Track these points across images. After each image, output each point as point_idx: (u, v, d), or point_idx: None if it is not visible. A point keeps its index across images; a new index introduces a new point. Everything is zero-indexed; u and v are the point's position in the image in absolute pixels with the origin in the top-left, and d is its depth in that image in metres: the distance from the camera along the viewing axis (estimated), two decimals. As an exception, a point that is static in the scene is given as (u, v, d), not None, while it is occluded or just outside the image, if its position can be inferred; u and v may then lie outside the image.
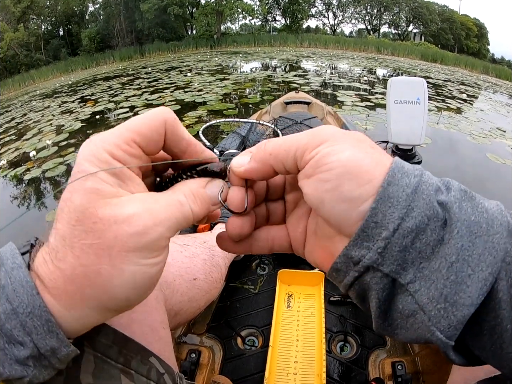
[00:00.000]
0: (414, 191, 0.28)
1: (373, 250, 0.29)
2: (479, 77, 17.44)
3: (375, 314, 0.32)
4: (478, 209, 0.29)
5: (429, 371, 0.98)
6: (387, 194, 0.29)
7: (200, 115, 6.17)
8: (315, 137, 0.32)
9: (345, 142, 0.31)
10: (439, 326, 0.27)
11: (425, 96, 1.43)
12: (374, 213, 0.29)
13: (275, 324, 1.07)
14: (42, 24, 28.49)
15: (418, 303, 0.28)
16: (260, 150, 0.35)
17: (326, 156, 0.30)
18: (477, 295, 0.27)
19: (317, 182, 0.31)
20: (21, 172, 4.63)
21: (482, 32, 33.37)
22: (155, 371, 0.46)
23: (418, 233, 0.28)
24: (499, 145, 5.10)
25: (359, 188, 0.29)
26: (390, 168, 0.30)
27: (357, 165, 0.30)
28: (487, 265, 0.27)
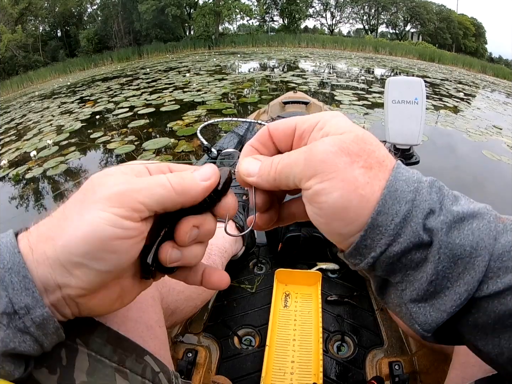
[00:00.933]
0: (404, 219, 0.31)
1: (364, 263, 0.33)
2: (477, 76, 17.43)
3: (376, 293, 0.38)
4: (465, 232, 0.31)
5: (426, 371, 0.98)
6: (376, 223, 0.31)
7: (199, 114, 6.16)
8: (308, 167, 0.33)
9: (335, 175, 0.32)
10: (417, 321, 0.32)
11: (423, 96, 1.43)
12: (363, 239, 0.32)
13: (272, 323, 1.07)
14: (40, 26, 28.45)
15: (403, 299, 0.33)
16: (265, 173, 0.37)
17: (317, 195, 0.33)
18: (450, 305, 0.30)
19: (312, 213, 0.35)
20: (22, 171, 4.63)
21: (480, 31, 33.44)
22: (150, 370, 0.46)
23: (403, 254, 0.32)
24: (495, 142, 5.15)
25: (346, 227, 0.33)
26: (382, 195, 0.31)
27: (344, 208, 0.32)
28: (465, 283, 0.30)
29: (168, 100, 7.43)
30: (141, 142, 4.79)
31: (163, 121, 5.89)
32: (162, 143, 4.64)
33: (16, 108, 10.39)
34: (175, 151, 4.28)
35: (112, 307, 0.39)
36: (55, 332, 0.34)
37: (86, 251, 0.32)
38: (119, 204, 0.32)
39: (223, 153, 1.63)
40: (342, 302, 1.20)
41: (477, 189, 3.60)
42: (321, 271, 1.26)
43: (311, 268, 1.31)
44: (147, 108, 6.91)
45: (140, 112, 6.66)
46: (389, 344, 1.08)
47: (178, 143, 4.52)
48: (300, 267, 1.33)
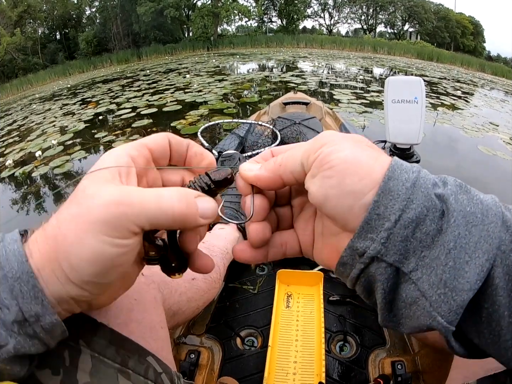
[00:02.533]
0: (413, 184, 0.31)
1: (377, 241, 0.31)
2: (475, 75, 17.48)
3: (380, 305, 0.33)
4: (474, 201, 0.30)
5: (429, 370, 0.98)
6: (388, 188, 0.31)
7: (201, 113, 6.30)
8: (317, 141, 0.35)
9: (344, 143, 0.34)
10: (440, 311, 0.29)
11: (423, 95, 1.43)
12: (376, 205, 0.31)
13: (274, 324, 1.07)
14: (39, 28, 28.47)
15: (420, 290, 0.30)
16: (271, 161, 0.38)
17: (328, 155, 0.33)
18: (474, 280, 0.28)
19: (321, 179, 0.34)
20: (29, 170, 4.74)
21: (478, 30, 33.43)
22: (152, 371, 0.46)
23: (418, 223, 0.30)
24: (491, 138, 5.28)
25: (360, 182, 0.32)
26: (390, 165, 0.32)
27: (356, 161, 0.32)
28: (483, 252, 0.28)
29: (170, 101, 7.55)
30: None
31: (166, 121, 6.03)
32: None
33: (18, 110, 10.49)
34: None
35: (117, 295, 0.41)
36: (61, 334, 0.34)
37: (94, 272, 0.32)
38: (116, 228, 0.32)
39: (224, 155, 1.63)
40: (344, 302, 1.20)
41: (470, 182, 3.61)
42: (323, 271, 1.26)
43: (313, 268, 1.31)
44: (149, 108, 7.03)
45: (143, 112, 6.78)
46: (391, 343, 1.08)
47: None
48: (302, 267, 1.32)
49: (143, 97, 8.38)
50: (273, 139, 2.36)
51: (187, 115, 6.22)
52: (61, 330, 0.34)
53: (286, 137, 2.38)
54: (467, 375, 0.59)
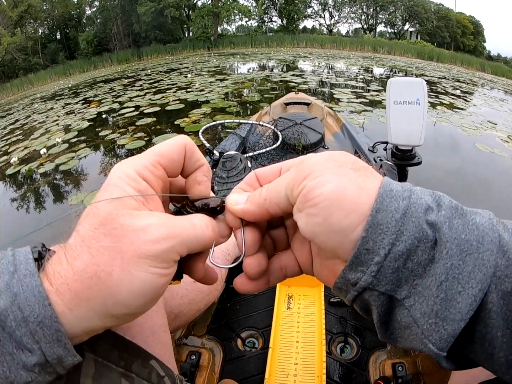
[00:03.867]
0: (403, 215, 0.30)
1: (367, 274, 0.31)
2: (475, 74, 17.47)
3: (377, 325, 0.34)
4: (469, 227, 0.30)
5: (430, 372, 0.98)
6: (376, 221, 0.30)
7: (204, 112, 6.37)
8: (300, 172, 0.34)
9: (327, 172, 0.32)
10: (431, 339, 0.29)
11: (425, 96, 1.42)
12: (365, 241, 0.30)
13: (275, 325, 1.07)
14: (39, 28, 28.44)
15: (412, 317, 0.30)
16: (256, 194, 0.38)
17: (311, 191, 0.32)
18: (466, 311, 0.28)
19: (307, 216, 0.33)
20: (34, 167, 4.80)
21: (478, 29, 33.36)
22: (155, 374, 0.46)
23: (409, 255, 0.30)
24: (489, 136, 5.35)
25: (346, 218, 0.31)
26: (378, 193, 0.31)
27: (341, 195, 0.31)
28: (477, 282, 0.28)
29: (173, 100, 7.61)
30: (150, 138, 5.00)
31: (170, 119, 6.08)
32: None
33: (19, 110, 10.54)
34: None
35: None
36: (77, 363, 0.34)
37: (144, 303, 0.33)
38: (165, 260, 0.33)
39: (225, 156, 1.63)
40: (345, 304, 1.19)
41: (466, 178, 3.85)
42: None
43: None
44: (152, 107, 7.09)
45: (146, 111, 6.83)
46: (392, 345, 1.08)
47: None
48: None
49: (146, 96, 8.44)
50: (275, 140, 2.36)
51: (190, 114, 6.29)
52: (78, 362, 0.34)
53: (287, 138, 2.38)
54: (468, 379, 0.59)
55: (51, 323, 0.30)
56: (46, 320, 0.30)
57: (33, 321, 0.29)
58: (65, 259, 0.32)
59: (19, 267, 0.31)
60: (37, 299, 0.30)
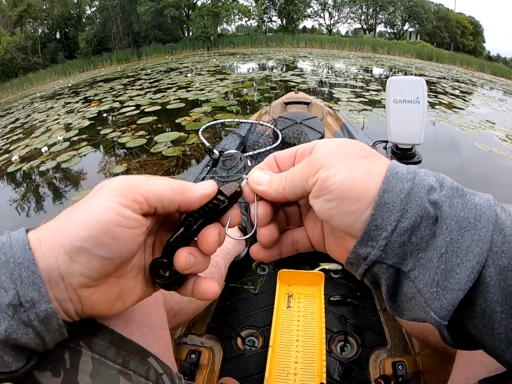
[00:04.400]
0: (408, 195, 0.33)
1: (377, 248, 0.34)
2: (474, 75, 17.49)
3: (385, 297, 0.37)
4: (468, 206, 0.32)
5: (430, 371, 0.98)
6: (383, 201, 0.33)
7: (204, 111, 6.40)
8: (312, 165, 0.37)
9: (337, 163, 0.36)
10: (433, 307, 0.32)
11: (425, 95, 1.42)
12: (374, 218, 0.34)
13: (275, 324, 1.07)
14: (39, 28, 28.45)
15: (417, 287, 0.33)
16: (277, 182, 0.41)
17: (325, 181, 0.35)
18: (465, 281, 0.31)
19: (323, 202, 0.36)
20: (36, 165, 4.83)
21: (478, 30, 33.42)
22: (153, 372, 0.46)
23: (413, 230, 0.33)
24: (487, 135, 5.41)
25: (357, 202, 0.34)
26: (385, 176, 0.34)
27: (351, 183, 0.34)
28: (474, 255, 0.31)
29: (173, 99, 7.64)
30: (152, 136, 5.05)
31: (170, 118, 6.12)
32: (173, 136, 4.96)
33: (19, 109, 10.56)
34: (186, 143, 4.63)
35: (113, 307, 0.41)
36: (58, 329, 0.35)
37: (89, 235, 0.34)
38: (122, 194, 0.36)
39: (225, 154, 1.63)
40: (345, 303, 1.20)
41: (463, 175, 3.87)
42: (324, 271, 1.26)
43: (314, 268, 1.31)
44: (153, 106, 7.13)
45: (147, 110, 6.86)
46: (392, 344, 1.08)
47: (188, 136, 4.86)
48: (303, 267, 1.33)
49: (146, 96, 8.46)
50: (274, 139, 2.36)
51: (191, 112, 6.33)
52: (57, 323, 0.34)
53: (287, 137, 2.37)
54: (469, 376, 0.59)
55: (28, 264, 0.33)
56: (25, 262, 0.33)
57: (13, 261, 0.33)
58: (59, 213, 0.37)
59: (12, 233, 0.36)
60: (20, 245, 0.34)
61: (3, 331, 0.31)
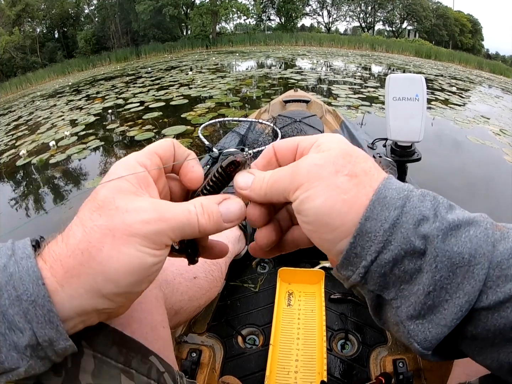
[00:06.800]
0: (393, 226, 0.31)
1: (356, 274, 0.33)
2: (472, 72, 17.51)
3: (371, 313, 0.36)
4: (462, 239, 0.30)
5: (431, 368, 0.98)
6: (365, 229, 0.31)
7: (208, 106, 6.59)
8: (294, 179, 0.35)
9: (318, 184, 0.33)
10: (416, 339, 0.31)
11: (424, 92, 1.42)
12: (353, 246, 0.32)
13: (275, 322, 1.07)
14: (37, 27, 28.39)
15: (399, 317, 0.32)
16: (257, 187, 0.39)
17: (302, 203, 0.34)
18: (451, 319, 0.29)
19: (301, 222, 0.36)
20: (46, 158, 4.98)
21: (476, 28, 33.41)
22: (155, 370, 0.46)
23: (395, 263, 0.31)
24: (481, 129, 5.53)
25: (332, 233, 0.33)
26: (370, 201, 0.32)
27: (328, 213, 0.33)
28: (465, 293, 0.29)
29: (176, 96, 7.83)
30: (159, 130, 5.25)
31: (175, 113, 6.30)
32: (180, 130, 5.19)
33: (21, 107, 10.66)
34: (194, 135, 4.84)
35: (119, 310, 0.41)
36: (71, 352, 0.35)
37: (132, 282, 0.34)
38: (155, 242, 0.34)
39: (225, 153, 1.63)
40: (346, 300, 1.20)
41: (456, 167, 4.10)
42: (324, 269, 1.26)
43: (314, 266, 1.31)
44: (157, 102, 7.30)
45: (151, 106, 7.03)
46: (393, 341, 1.08)
47: (195, 130, 5.05)
48: (303, 265, 1.33)
49: (149, 93, 8.61)
50: (274, 137, 2.36)
51: (195, 108, 6.52)
52: (72, 350, 0.34)
53: (286, 135, 2.37)
54: (469, 373, 0.59)
55: (43, 302, 0.30)
56: (39, 299, 0.30)
57: (26, 299, 0.30)
58: (61, 239, 0.34)
59: (17, 251, 0.32)
60: (32, 279, 0.31)
61: (23, 372, 0.31)
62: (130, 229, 0.33)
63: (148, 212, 0.34)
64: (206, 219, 0.36)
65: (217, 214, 0.37)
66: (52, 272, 0.32)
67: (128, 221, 0.33)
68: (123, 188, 0.35)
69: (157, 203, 0.35)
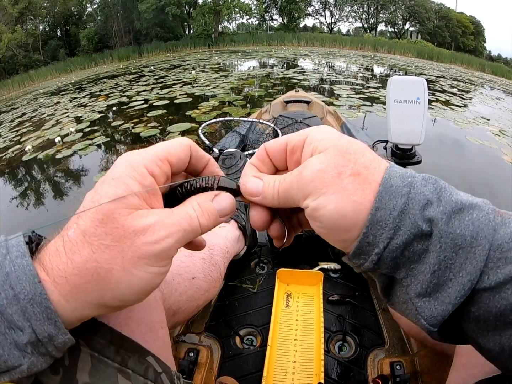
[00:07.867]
0: (401, 212, 0.33)
1: (369, 261, 0.35)
2: (474, 74, 17.54)
3: (381, 294, 0.38)
4: (465, 222, 0.32)
5: (428, 371, 0.97)
6: (375, 219, 0.33)
7: (212, 105, 6.66)
8: (302, 188, 0.36)
9: (326, 191, 0.34)
10: (423, 315, 0.33)
11: (425, 95, 1.42)
12: (366, 236, 0.34)
13: (273, 323, 1.07)
14: (39, 25, 28.39)
15: (408, 295, 0.34)
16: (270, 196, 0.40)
17: (314, 211, 0.35)
18: (455, 296, 0.31)
19: (315, 227, 0.37)
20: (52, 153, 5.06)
21: (479, 29, 33.38)
22: (152, 371, 0.46)
23: (406, 246, 0.33)
24: (480, 130, 5.62)
25: (345, 234, 0.35)
26: (378, 192, 0.33)
27: (341, 217, 0.34)
28: (467, 273, 0.31)
29: (180, 94, 7.92)
30: (164, 127, 5.32)
31: (180, 111, 6.39)
32: (185, 127, 5.26)
33: (24, 104, 10.73)
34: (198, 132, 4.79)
35: None
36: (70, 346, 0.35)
37: (140, 298, 0.36)
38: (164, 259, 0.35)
39: (225, 153, 1.63)
40: (344, 302, 1.20)
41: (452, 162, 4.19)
42: (323, 271, 1.26)
43: (312, 268, 1.31)
44: (161, 100, 7.39)
45: (156, 104, 7.11)
46: (390, 344, 1.08)
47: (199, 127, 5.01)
48: (302, 267, 1.32)
49: (153, 91, 8.69)
50: (274, 138, 2.36)
51: (199, 106, 6.59)
52: (71, 344, 0.35)
53: (287, 136, 2.37)
54: (466, 378, 0.59)
55: (41, 300, 0.31)
56: (36, 297, 0.31)
57: (23, 298, 0.31)
58: (64, 252, 0.33)
59: (11, 249, 0.33)
60: (28, 277, 0.31)
61: (26, 369, 0.31)
62: (140, 251, 0.33)
63: (155, 231, 0.34)
64: (206, 218, 0.37)
65: (214, 212, 0.38)
66: (55, 286, 0.32)
67: (136, 243, 0.33)
68: (127, 201, 0.34)
69: (162, 218, 0.35)
